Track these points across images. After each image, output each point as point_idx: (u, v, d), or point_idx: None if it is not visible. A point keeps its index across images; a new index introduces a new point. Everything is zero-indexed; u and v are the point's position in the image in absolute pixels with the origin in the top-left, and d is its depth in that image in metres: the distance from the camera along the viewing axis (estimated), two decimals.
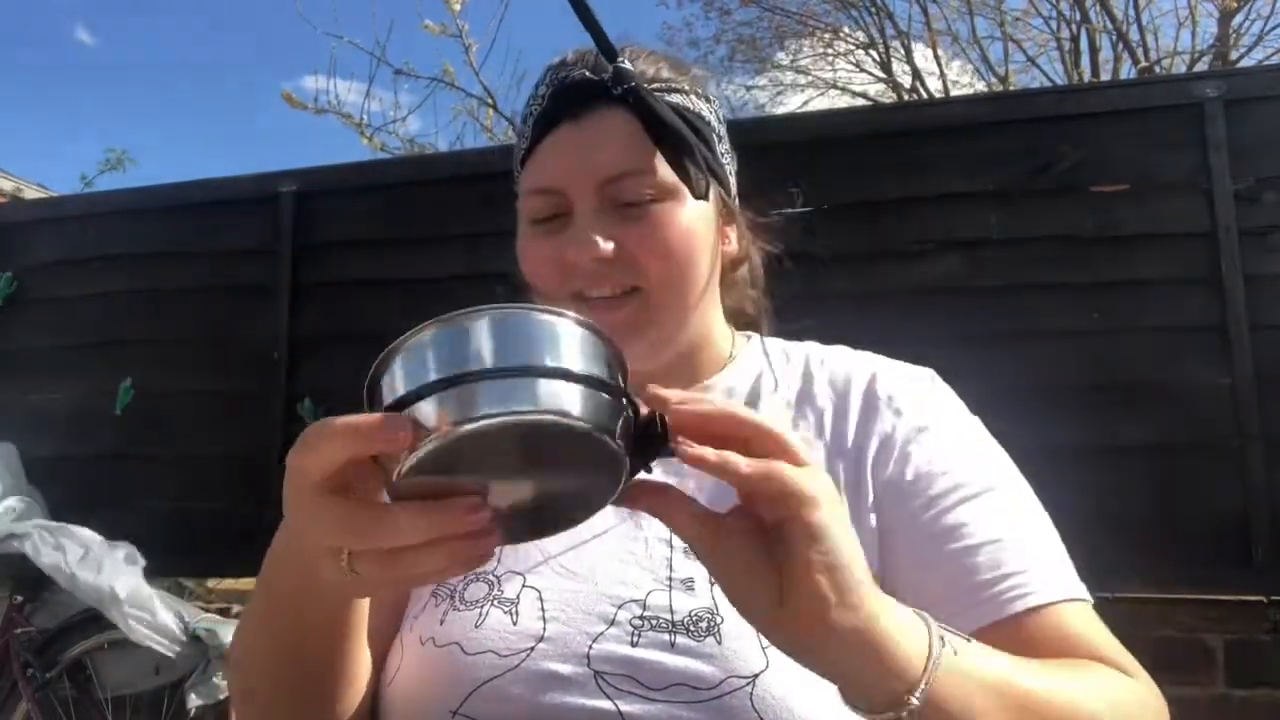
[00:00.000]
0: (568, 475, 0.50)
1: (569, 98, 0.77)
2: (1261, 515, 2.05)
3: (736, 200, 0.87)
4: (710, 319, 0.84)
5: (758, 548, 0.49)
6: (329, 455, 0.46)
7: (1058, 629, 0.65)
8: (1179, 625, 2.13)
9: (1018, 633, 0.64)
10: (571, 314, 0.48)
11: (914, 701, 0.49)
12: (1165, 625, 2.13)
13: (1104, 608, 0.71)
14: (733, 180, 0.86)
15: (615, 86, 0.75)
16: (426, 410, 0.44)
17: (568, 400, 0.45)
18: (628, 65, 0.75)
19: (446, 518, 0.46)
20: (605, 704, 0.64)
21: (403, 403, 0.46)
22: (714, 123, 0.83)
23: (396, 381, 0.47)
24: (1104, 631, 0.68)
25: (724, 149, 0.84)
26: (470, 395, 0.44)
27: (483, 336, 0.46)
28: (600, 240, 0.74)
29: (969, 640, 0.55)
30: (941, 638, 0.52)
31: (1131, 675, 0.65)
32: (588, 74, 0.77)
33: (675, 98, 0.78)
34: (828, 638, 0.48)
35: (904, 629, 0.50)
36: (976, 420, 0.80)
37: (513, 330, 0.46)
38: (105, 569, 2.28)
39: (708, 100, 0.83)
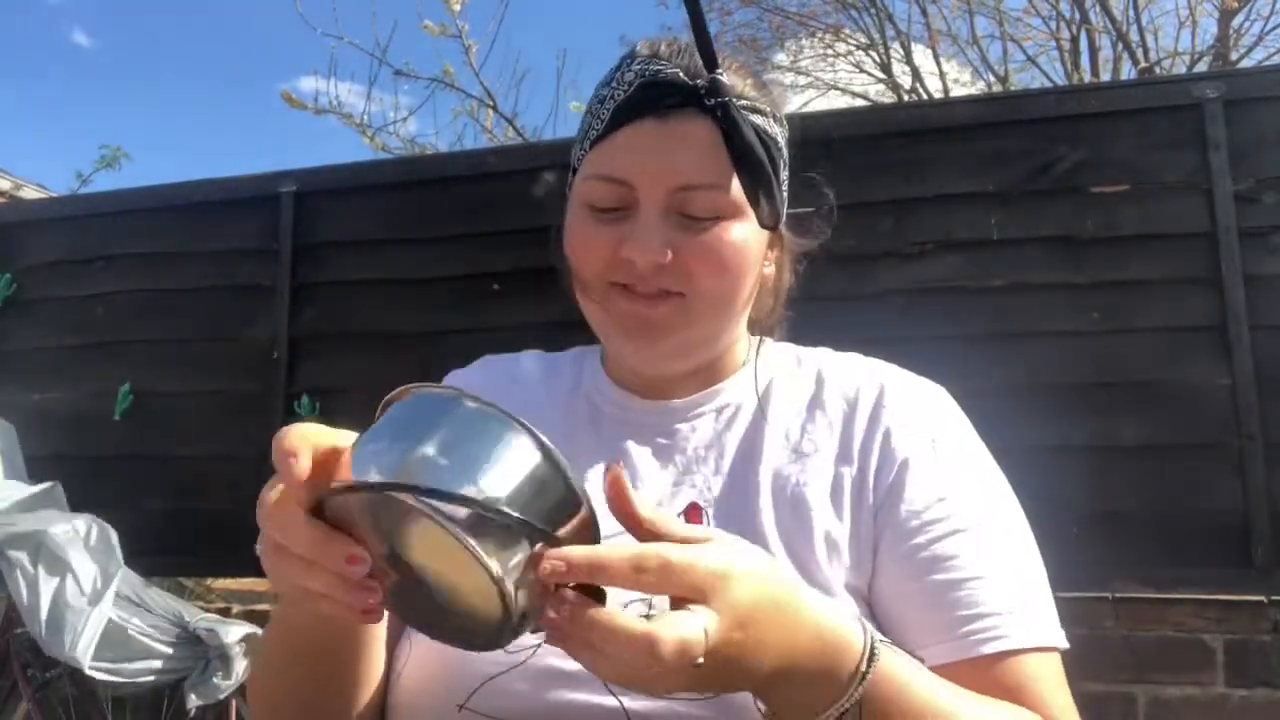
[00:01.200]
0: (464, 591, 0.49)
1: (658, 93, 0.75)
2: (1261, 515, 2.05)
3: (785, 225, 0.86)
4: (736, 331, 0.85)
5: None
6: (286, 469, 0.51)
7: (1016, 676, 0.68)
8: (1179, 625, 2.13)
9: (982, 673, 0.67)
10: (541, 438, 0.48)
11: None
12: (1165, 625, 2.13)
13: (1103, 607, 0.72)
14: (785, 205, 0.85)
15: (709, 97, 0.73)
16: (368, 456, 0.48)
17: (467, 519, 0.45)
18: (724, 78, 0.74)
19: (328, 549, 0.49)
20: (609, 700, 0.65)
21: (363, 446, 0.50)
22: (784, 148, 0.82)
23: (375, 427, 0.51)
24: (1058, 686, 0.70)
25: (786, 175, 0.84)
26: (398, 463, 0.47)
27: (448, 423, 0.48)
28: (663, 246, 0.74)
29: (907, 668, 0.60)
30: (859, 685, 0.56)
31: None
32: (682, 75, 0.75)
33: (757, 119, 0.77)
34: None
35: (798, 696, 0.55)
36: (980, 444, 0.80)
37: (473, 429, 0.48)
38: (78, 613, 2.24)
39: (782, 125, 0.82)
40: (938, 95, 8.84)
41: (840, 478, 0.76)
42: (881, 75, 10.16)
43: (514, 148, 4.36)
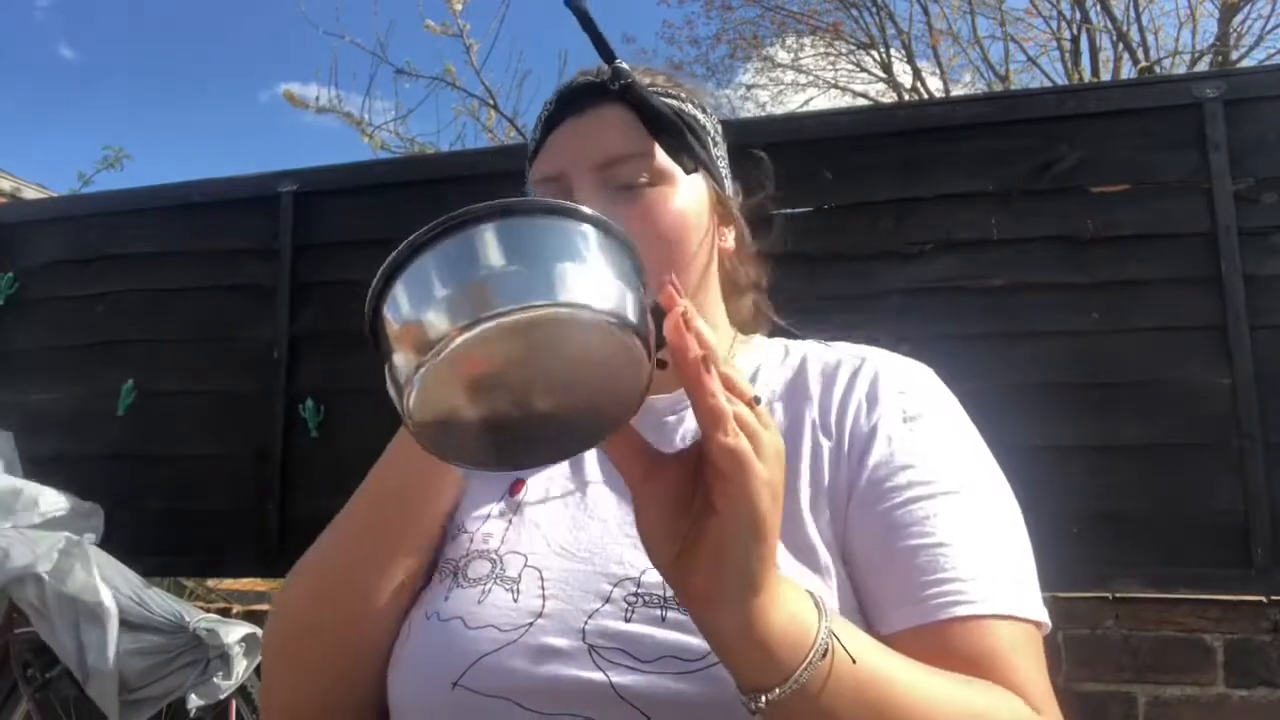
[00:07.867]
0: (584, 387, 0.47)
1: (572, 98, 0.84)
2: (1261, 515, 2.05)
3: (737, 200, 0.91)
4: (709, 313, 0.87)
5: (682, 495, 0.53)
6: None
7: (979, 643, 0.64)
8: (1179, 625, 2.13)
9: (941, 639, 0.64)
10: (582, 209, 0.46)
11: (762, 703, 0.53)
12: (1165, 625, 2.13)
13: (1103, 607, 0.71)
14: (728, 183, 0.91)
15: (613, 83, 0.81)
16: (434, 319, 0.42)
17: (588, 293, 0.43)
18: (624, 66, 0.81)
19: None
20: (597, 675, 0.66)
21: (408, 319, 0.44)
22: (710, 128, 0.88)
23: (401, 301, 0.45)
24: (1028, 657, 0.66)
25: (719, 153, 0.89)
26: (482, 293, 0.42)
27: (492, 239, 0.44)
28: None
29: (865, 645, 0.57)
30: (824, 651, 0.54)
31: (1035, 709, 0.63)
32: (590, 77, 0.84)
33: (671, 101, 0.84)
34: (708, 612, 0.53)
35: (782, 634, 0.53)
36: (966, 420, 0.80)
37: (521, 231, 0.44)
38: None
39: (703, 110, 0.88)
40: (938, 95, 8.84)
41: (819, 448, 0.76)
42: (882, 75, 10.16)
43: (515, 147, 4.36)
